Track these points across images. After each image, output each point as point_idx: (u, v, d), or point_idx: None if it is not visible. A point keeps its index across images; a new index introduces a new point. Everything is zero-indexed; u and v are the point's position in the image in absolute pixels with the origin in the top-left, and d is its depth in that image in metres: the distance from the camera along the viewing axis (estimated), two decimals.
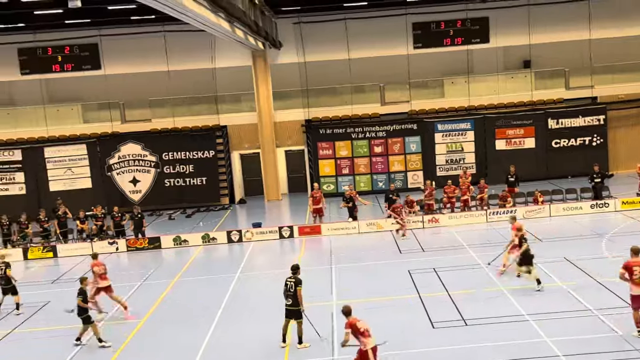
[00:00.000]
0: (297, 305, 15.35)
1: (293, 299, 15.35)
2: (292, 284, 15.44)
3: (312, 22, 36.67)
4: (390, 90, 37.37)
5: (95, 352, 16.19)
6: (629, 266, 14.47)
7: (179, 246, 27.20)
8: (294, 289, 15.35)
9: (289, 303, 15.43)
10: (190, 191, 35.75)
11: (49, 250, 27.25)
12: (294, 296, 15.33)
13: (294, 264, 16.12)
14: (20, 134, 36.32)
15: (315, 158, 36.17)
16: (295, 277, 15.58)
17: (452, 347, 14.73)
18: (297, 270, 15.76)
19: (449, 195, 28.70)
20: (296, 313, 15.41)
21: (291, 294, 15.38)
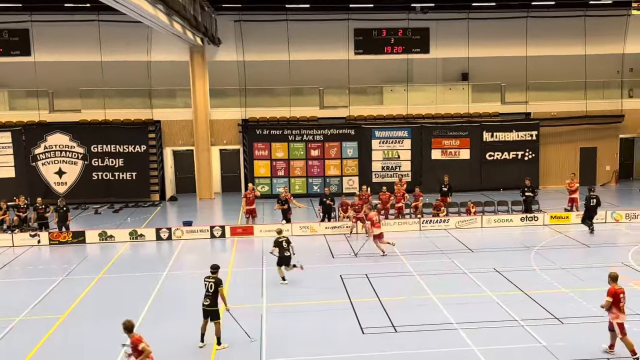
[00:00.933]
0: (215, 306, 15.06)
1: (211, 299, 15.05)
2: (211, 284, 15.12)
3: (253, 20, 36.28)
4: (329, 95, 37.32)
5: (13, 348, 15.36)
6: (616, 294, 13.92)
7: (105, 242, 26.36)
8: (213, 289, 15.06)
9: (206, 303, 15.10)
10: (119, 186, 34.74)
11: None
12: (213, 296, 15.02)
13: (214, 264, 15.77)
14: None
15: (251, 158, 35.71)
16: (215, 277, 15.27)
17: (381, 353, 14.59)
18: (216, 270, 15.45)
19: (384, 202, 28.69)
20: (214, 313, 15.09)
21: (209, 294, 15.06)
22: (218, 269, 15.52)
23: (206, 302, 15.11)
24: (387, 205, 28.69)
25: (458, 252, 23.67)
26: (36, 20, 35.06)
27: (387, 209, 28.69)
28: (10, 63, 35.67)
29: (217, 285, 15.09)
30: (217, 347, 15.07)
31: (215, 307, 15.09)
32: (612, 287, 13.97)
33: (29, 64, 35.35)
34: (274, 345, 15.15)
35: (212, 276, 15.28)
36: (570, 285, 19.02)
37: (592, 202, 26.57)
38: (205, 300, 15.12)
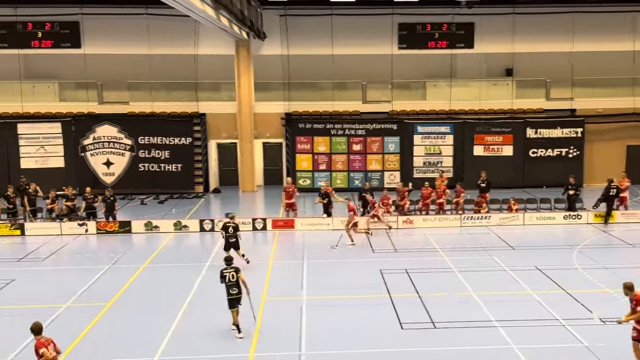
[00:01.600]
0: (241, 293, 15.74)
1: (238, 287, 15.70)
2: (232, 274, 15.76)
3: (298, 15, 36.46)
4: (372, 89, 37.31)
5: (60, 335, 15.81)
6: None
7: (150, 232, 26.89)
8: (235, 277, 15.70)
9: (235, 292, 15.71)
10: (165, 177, 35.36)
11: (16, 227, 26.73)
12: (237, 284, 15.68)
13: (227, 256, 16.44)
14: None
15: (293, 152, 35.99)
16: (233, 267, 15.91)
17: (420, 348, 14.69)
18: (231, 261, 16.09)
19: (425, 197, 28.71)
20: (240, 300, 15.80)
21: (233, 283, 15.68)
22: (232, 259, 16.21)
23: (234, 291, 15.69)
24: (428, 201, 28.69)
25: (499, 249, 23.59)
26: (86, 13, 35.71)
27: (428, 205, 28.70)
28: (60, 55, 36.43)
29: (237, 272, 15.80)
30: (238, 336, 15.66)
31: (240, 294, 15.75)
32: (638, 294, 13.20)
33: (79, 56, 36.05)
34: (313, 338, 15.34)
35: (230, 267, 15.88)
36: (614, 285, 18.61)
37: (612, 191, 26.40)
38: (233, 290, 15.69)
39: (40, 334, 12.19)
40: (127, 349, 14.93)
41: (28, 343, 15.08)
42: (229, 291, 15.73)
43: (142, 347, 14.99)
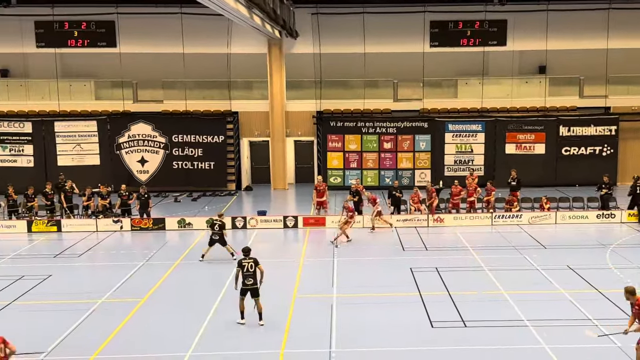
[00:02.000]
0: (257, 284, 16.26)
1: (254, 278, 16.22)
2: (250, 264, 16.26)
3: (330, 13, 36.58)
4: (403, 87, 37.37)
5: (95, 329, 16.23)
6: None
7: (183, 229, 27.27)
8: (253, 268, 16.21)
9: (250, 282, 16.21)
10: (198, 175, 35.82)
11: (53, 224, 27.30)
12: (254, 275, 16.21)
13: (246, 247, 16.83)
14: (31, 107, 36.47)
15: (324, 150, 36.17)
16: (251, 257, 16.38)
17: (450, 347, 14.71)
18: (249, 252, 16.59)
19: (454, 195, 28.66)
20: (255, 291, 16.27)
21: (250, 273, 16.19)
22: (250, 250, 16.65)
23: (249, 282, 16.22)
24: (457, 199, 28.61)
25: (530, 247, 23.49)
26: (122, 13, 36.19)
27: (457, 203, 28.64)
28: (96, 54, 37.04)
29: (256, 264, 16.28)
30: (260, 323, 16.15)
31: (257, 285, 16.25)
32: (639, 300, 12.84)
33: (114, 55, 36.60)
34: (343, 335, 15.42)
35: (249, 257, 16.38)
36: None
37: (638, 190, 26.07)
38: (248, 280, 16.22)
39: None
40: (159, 344, 15.16)
41: (64, 337, 15.53)
42: (244, 281, 16.28)
43: (175, 343, 15.19)
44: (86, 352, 14.64)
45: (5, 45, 36.34)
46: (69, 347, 14.99)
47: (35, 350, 14.38)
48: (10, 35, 36.16)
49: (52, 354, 14.57)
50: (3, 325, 16.38)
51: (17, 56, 37.18)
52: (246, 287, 16.26)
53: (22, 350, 14.51)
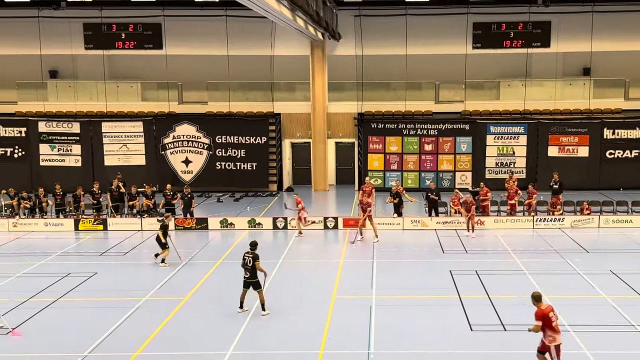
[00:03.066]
0: (254, 278, 16.97)
1: (251, 272, 16.95)
2: (249, 259, 16.96)
3: (373, 15, 36.69)
4: (444, 89, 37.30)
5: (138, 327, 16.63)
6: (545, 314, 12.64)
7: (226, 229, 27.67)
8: (251, 263, 16.91)
9: (247, 276, 17.02)
10: (240, 175, 36.28)
11: (99, 223, 27.96)
12: (252, 270, 16.91)
13: (252, 241, 17.58)
14: (79, 107, 37.32)
15: (365, 152, 36.29)
16: (253, 252, 17.08)
17: (489, 351, 14.67)
18: (255, 247, 17.24)
19: (482, 199, 28.45)
20: (254, 284, 17.03)
21: (249, 267, 16.95)
22: (256, 245, 17.34)
23: (246, 275, 17.01)
24: (485, 203, 28.37)
25: (573, 252, 23.27)
26: (168, 15, 36.83)
27: (485, 206, 28.36)
28: (143, 56, 37.79)
29: (254, 259, 16.94)
30: (263, 313, 16.94)
31: (255, 278, 16.98)
32: (538, 309, 12.72)
33: (160, 57, 37.27)
34: (382, 337, 15.49)
35: (251, 252, 17.10)
36: None
37: None
38: (246, 274, 17.01)
39: None
40: (201, 343, 15.43)
41: (108, 334, 15.91)
42: (244, 273, 17.11)
43: (216, 341, 15.44)
44: (129, 349, 14.98)
45: (55, 47, 37.16)
46: (113, 344, 15.36)
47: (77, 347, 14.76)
48: (60, 37, 37.02)
49: (96, 350, 14.95)
50: (50, 321, 16.99)
51: (66, 58, 38.04)
52: (244, 280, 17.13)
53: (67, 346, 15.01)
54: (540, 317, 12.64)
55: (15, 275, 21.07)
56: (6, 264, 22.43)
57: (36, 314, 17.35)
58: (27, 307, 17.90)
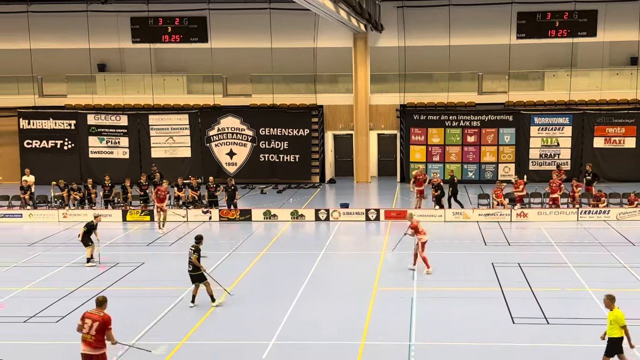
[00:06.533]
0: (197, 270, 17.09)
1: (192, 265, 17.10)
2: (190, 251, 17.18)
3: (416, 6, 36.57)
4: (488, 80, 37.01)
5: (184, 314, 17.04)
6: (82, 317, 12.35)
7: (269, 220, 28.02)
8: (190, 255, 17.14)
9: (189, 269, 17.18)
10: (283, 167, 36.66)
11: (146, 214, 28.58)
12: (192, 263, 17.08)
13: (198, 234, 17.75)
14: (127, 100, 38.04)
15: (407, 143, 36.29)
16: (195, 246, 17.24)
17: (532, 344, 14.61)
18: (200, 241, 17.43)
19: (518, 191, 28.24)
20: (198, 277, 17.15)
21: (189, 260, 17.16)
22: (201, 239, 17.54)
23: (189, 268, 17.24)
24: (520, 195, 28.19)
25: (618, 244, 23.01)
26: (213, 9, 37.25)
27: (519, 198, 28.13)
28: (189, 49, 38.32)
29: (194, 252, 17.09)
30: (213, 304, 17.20)
31: (198, 271, 17.12)
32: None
33: (205, 50, 37.67)
34: (423, 329, 15.58)
35: (194, 245, 17.33)
36: None
37: None
38: (189, 266, 17.25)
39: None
40: (244, 332, 15.70)
41: (155, 323, 16.31)
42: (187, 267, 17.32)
43: (258, 331, 15.68)
44: (175, 337, 15.34)
45: (103, 41, 37.92)
46: (159, 333, 15.74)
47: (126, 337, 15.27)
48: (108, 31, 37.76)
49: (143, 339, 15.33)
50: None
51: (114, 51, 38.78)
52: (189, 273, 17.28)
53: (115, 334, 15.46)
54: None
55: (65, 265, 21.74)
56: (57, 253, 23.13)
57: (85, 302, 17.74)
58: (77, 295, 18.48)
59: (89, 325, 12.08)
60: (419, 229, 20.33)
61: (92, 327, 12.06)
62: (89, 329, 12.06)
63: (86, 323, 12.10)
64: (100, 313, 12.26)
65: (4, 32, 37.72)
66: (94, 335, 12.06)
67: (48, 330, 16.00)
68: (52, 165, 35.50)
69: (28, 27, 37.05)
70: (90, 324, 12.08)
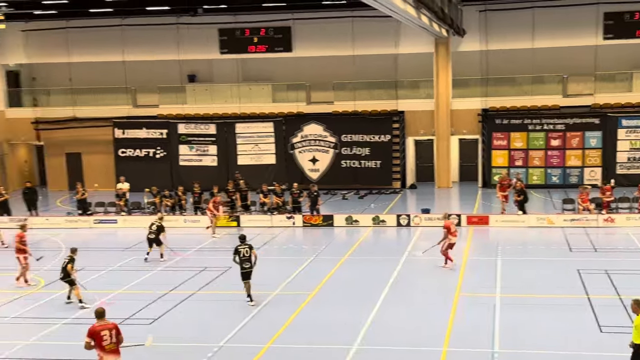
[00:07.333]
0: (252, 268, 18.37)
1: (250, 262, 18.38)
2: (246, 249, 18.40)
3: (499, 10, 36.24)
4: (572, 82, 36.25)
5: (269, 318, 17.62)
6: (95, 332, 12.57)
7: (350, 226, 28.38)
8: (249, 253, 18.36)
9: (247, 266, 18.36)
10: (365, 173, 36.91)
11: (233, 219, 29.50)
12: (250, 259, 18.37)
13: (241, 234, 19.28)
14: (215, 109, 39.09)
15: (489, 148, 35.95)
16: (247, 243, 18.63)
17: (621, 354, 14.00)
18: (244, 239, 18.82)
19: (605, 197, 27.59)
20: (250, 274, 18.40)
21: (247, 258, 18.36)
22: (245, 237, 18.97)
23: (247, 265, 18.35)
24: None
25: None
26: (297, 18, 37.93)
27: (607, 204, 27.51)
28: (273, 59, 39.05)
29: (250, 249, 18.44)
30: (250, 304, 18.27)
31: (252, 268, 18.36)
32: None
33: (289, 59, 38.43)
34: (506, 336, 15.57)
35: (245, 244, 18.58)
36: None
37: None
38: (246, 264, 18.34)
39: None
40: (327, 337, 16.12)
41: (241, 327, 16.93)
42: (242, 265, 18.34)
43: (342, 336, 16.05)
44: (261, 340, 15.93)
45: (193, 52, 39.17)
46: (245, 336, 16.40)
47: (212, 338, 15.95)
48: (197, 42, 38.92)
49: (230, 341, 16.00)
50: (187, 313, 18.33)
51: (203, 62, 40.03)
52: (245, 271, 18.33)
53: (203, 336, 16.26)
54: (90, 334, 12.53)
55: (157, 269, 22.83)
56: (151, 258, 24.03)
57: (175, 306, 18.75)
58: (168, 299, 19.36)
59: (108, 335, 12.50)
60: (451, 229, 21.19)
61: (112, 336, 12.53)
62: (110, 338, 12.50)
63: (105, 334, 12.44)
64: (107, 322, 12.68)
65: (101, 46, 39.45)
66: (115, 342, 12.58)
67: (142, 332, 16.80)
68: (144, 172, 36.73)
69: (122, 41, 38.98)
70: (109, 334, 12.50)
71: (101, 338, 12.40)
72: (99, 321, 12.62)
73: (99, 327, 12.50)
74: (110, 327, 12.58)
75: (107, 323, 12.64)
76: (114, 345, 12.54)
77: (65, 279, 19.04)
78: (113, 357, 12.56)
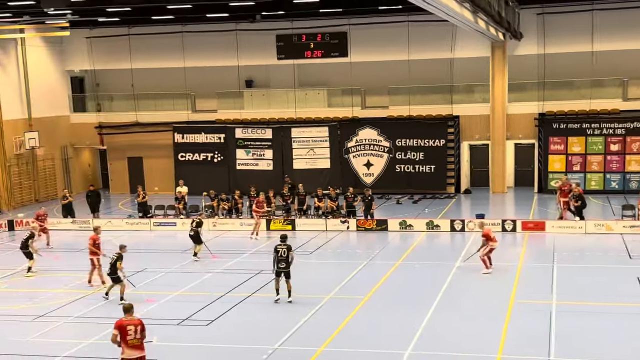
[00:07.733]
0: (288, 267, 19.04)
1: (286, 262, 19.02)
2: (284, 250, 19.04)
3: (557, 12, 35.77)
4: (633, 85, 35.52)
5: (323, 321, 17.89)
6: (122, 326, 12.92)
7: (404, 230, 28.46)
8: (286, 254, 19.01)
9: (282, 266, 19.02)
10: (419, 178, 36.88)
11: (288, 223, 29.90)
12: (286, 259, 19.01)
13: (283, 234, 19.96)
14: (272, 114, 39.67)
15: (546, 153, 35.49)
16: (286, 244, 19.17)
17: None
18: (285, 239, 19.44)
19: None
20: (288, 273, 19.09)
21: (284, 258, 19.01)
22: (286, 237, 19.57)
23: (282, 265, 19.03)
24: None
25: None
26: (353, 24, 38.15)
27: None
28: (329, 64, 39.36)
29: (289, 250, 19.08)
30: (289, 299, 19.04)
31: (289, 268, 18.98)
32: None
33: (344, 65, 38.66)
34: (562, 344, 15.50)
35: (284, 244, 19.17)
36: None
37: None
38: (281, 264, 19.02)
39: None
40: (380, 341, 16.28)
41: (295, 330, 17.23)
42: (278, 264, 19.08)
43: (394, 340, 16.23)
44: (314, 344, 16.19)
45: (250, 58, 39.76)
46: (299, 339, 16.70)
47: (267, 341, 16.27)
48: (255, 48, 39.57)
49: (284, 344, 16.32)
50: (243, 315, 18.73)
51: (260, 68, 40.63)
52: (280, 270, 19.04)
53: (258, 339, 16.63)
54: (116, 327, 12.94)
55: (215, 271, 23.34)
56: (208, 260, 24.74)
57: (232, 308, 19.18)
58: (225, 301, 19.81)
59: (134, 330, 12.89)
60: (490, 236, 21.43)
61: (137, 332, 12.91)
62: (134, 333, 12.89)
63: (130, 329, 12.84)
64: (134, 318, 13.11)
65: (161, 52, 40.49)
66: (139, 337, 12.97)
67: (199, 333, 17.40)
68: (203, 176, 37.59)
69: (182, 47, 39.90)
70: (134, 329, 12.89)
71: (126, 332, 12.83)
72: (127, 316, 13.09)
73: (125, 322, 12.96)
74: (136, 323, 13.00)
75: (133, 319, 13.09)
76: (137, 341, 12.99)
77: (112, 275, 19.81)
78: (134, 352, 12.96)
